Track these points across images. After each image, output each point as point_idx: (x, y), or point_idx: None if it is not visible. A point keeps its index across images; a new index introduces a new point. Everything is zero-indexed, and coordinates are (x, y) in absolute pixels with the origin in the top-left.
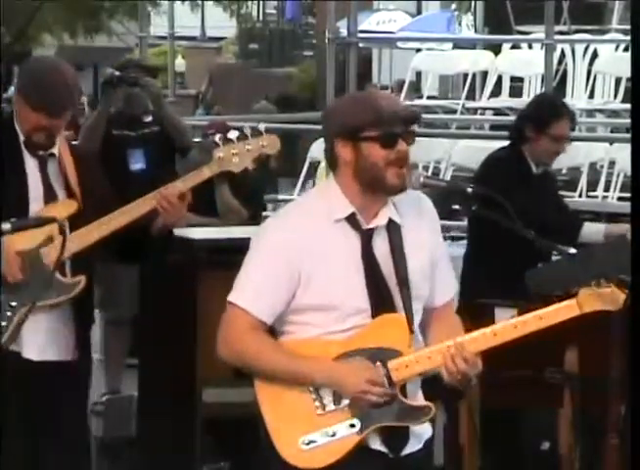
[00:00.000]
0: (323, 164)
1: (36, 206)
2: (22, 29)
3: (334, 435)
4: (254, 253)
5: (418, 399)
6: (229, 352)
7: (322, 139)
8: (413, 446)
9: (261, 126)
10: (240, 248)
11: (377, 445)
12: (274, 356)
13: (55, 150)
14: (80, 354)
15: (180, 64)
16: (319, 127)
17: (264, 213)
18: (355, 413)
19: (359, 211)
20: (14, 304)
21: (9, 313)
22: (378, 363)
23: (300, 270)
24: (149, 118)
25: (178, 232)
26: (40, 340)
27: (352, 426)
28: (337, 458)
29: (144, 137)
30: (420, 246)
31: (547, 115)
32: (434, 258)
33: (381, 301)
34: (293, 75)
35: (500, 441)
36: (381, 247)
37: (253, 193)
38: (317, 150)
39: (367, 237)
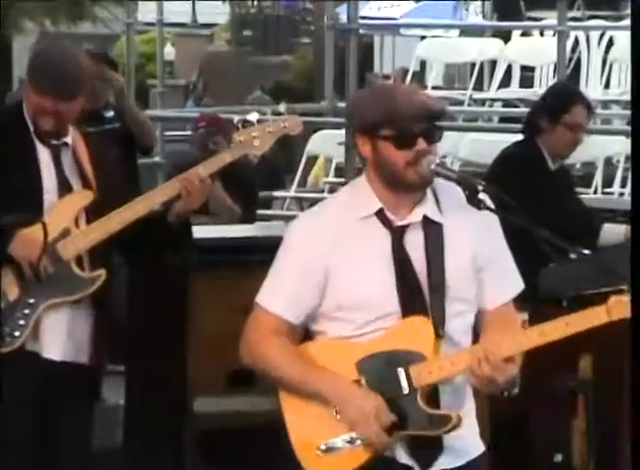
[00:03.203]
0: (321, 159)
1: (50, 197)
2: (1, 16)
3: (353, 441)
4: (280, 251)
5: (458, 406)
6: (249, 356)
7: (321, 132)
8: (449, 463)
9: (282, 107)
10: (233, 248)
11: (404, 458)
12: (288, 365)
13: (68, 139)
14: (96, 358)
15: (169, 52)
16: (317, 119)
17: (262, 212)
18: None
19: (389, 207)
20: (32, 301)
21: (27, 311)
22: (399, 369)
23: (328, 268)
24: (110, 114)
25: None
26: (61, 340)
27: None
28: (355, 466)
29: (104, 133)
30: (461, 246)
31: (560, 102)
32: (479, 259)
33: (412, 302)
34: (289, 64)
35: (511, 452)
36: (415, 245)
37: (247, 190)
38: (315, 143)
39: (398, 234)
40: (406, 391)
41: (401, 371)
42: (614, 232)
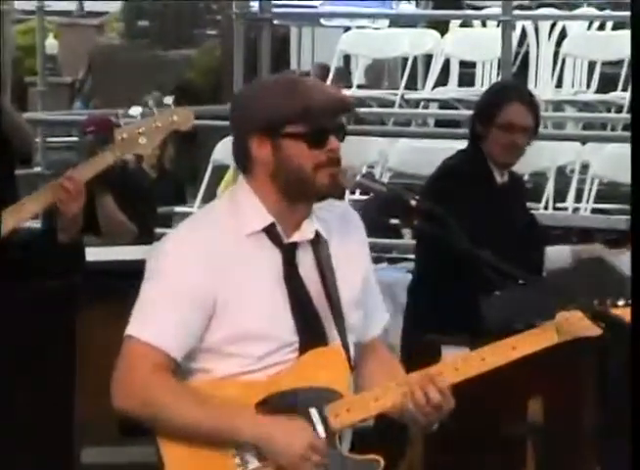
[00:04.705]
0: (231, 171)
1: None
2: None
3: None
4: (156, 275)
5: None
6: (130, 401)
7: (228, 138)
8: None
9: (168, 99)
10: (127, 272)
11: None
12: (189, 407)
13: None
14: None
15: (52, 44)
16: (225, 123)
17: (159, 230)
18: None
19: (281, 221)
20: None
21: None
22: (312, 410)
23: (215, 294)
24: None
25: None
26: None
27: None
28: None
29: None
30: (350, 265)
31: (492, 101)
32: (365, 280)
33: (310, 331)
34: (192, 60)
35: None
36: (306, 266)
37: (144, 205)
38: (222, 151)
39: (290, 253)
40: (322, 435)
41: (314, 412)
42: (555, 255)
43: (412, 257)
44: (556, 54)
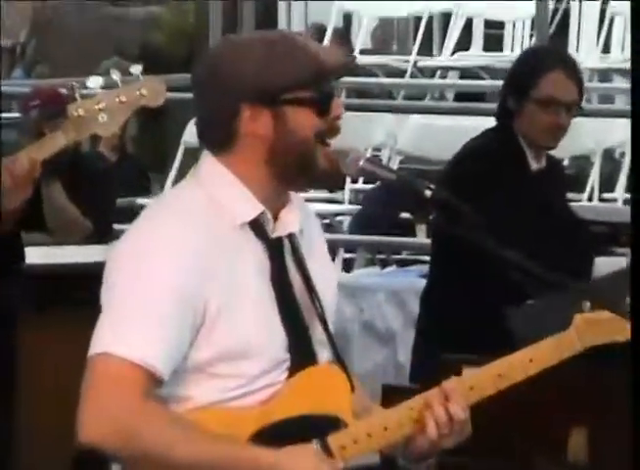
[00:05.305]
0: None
1: None
2: None
3: None
4: (127, 280)
5: None
6: (112, 432)
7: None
8: None
9: (136, 68)
10: (81, 276)
11: None
12: (195, 441)
13: None
14: None
15: None
16: None
17: (119, 227)
18: None
19: (268, 209)
20: None
21: None
22: (314, 442)
23: (205, 300)
24: None
25: None
26: None
27: None
28: None
29: None
30: (323, 267)
31: (526, 70)
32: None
33: (300, 346)
34: (159, 19)
35: None
36: (289, 266)
37: (101, 195)
38: (195, 132)
39: (277, 250)
40: None
41: (317, 445)
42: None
43: (426, 258)
44: (602, 12)
